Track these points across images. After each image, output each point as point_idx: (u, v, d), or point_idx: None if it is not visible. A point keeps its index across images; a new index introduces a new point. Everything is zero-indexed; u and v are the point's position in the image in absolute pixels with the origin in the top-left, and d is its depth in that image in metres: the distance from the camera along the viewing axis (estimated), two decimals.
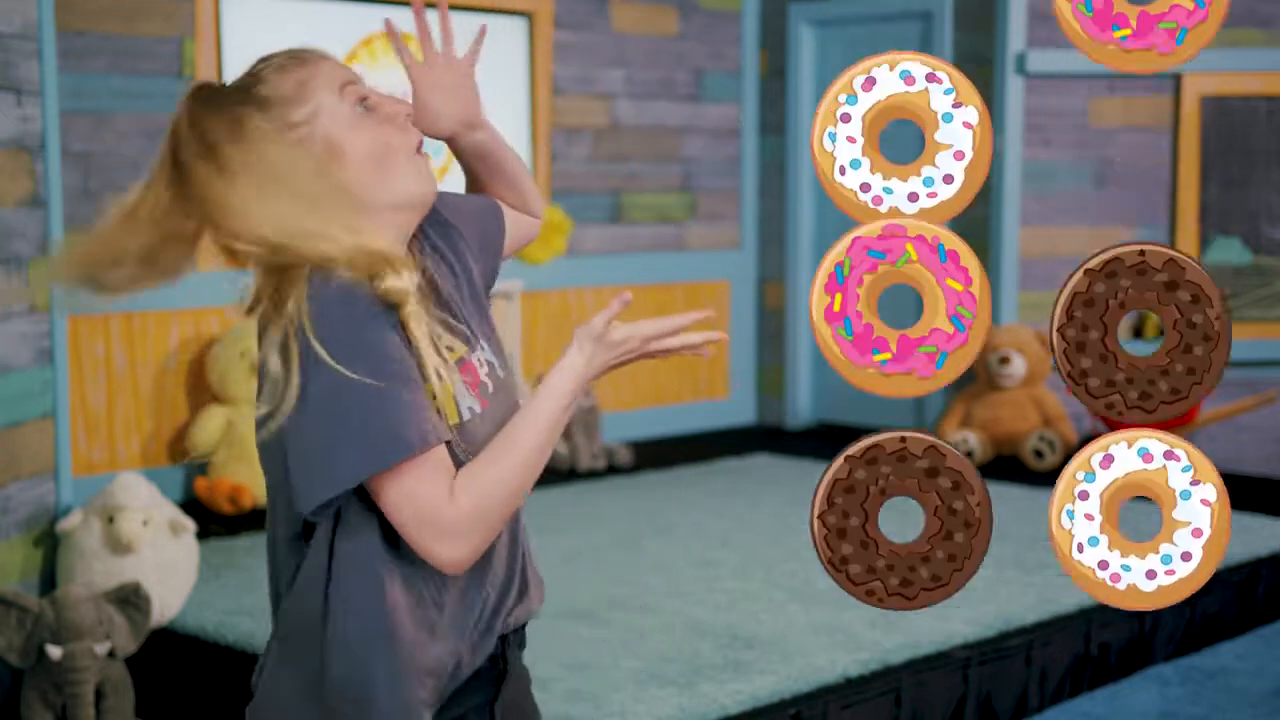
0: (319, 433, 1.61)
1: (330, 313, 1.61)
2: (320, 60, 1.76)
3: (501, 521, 1.67)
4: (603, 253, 7.15)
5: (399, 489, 1.62)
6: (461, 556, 1.65)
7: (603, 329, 1.72)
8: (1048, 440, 6.31)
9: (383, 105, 1.76)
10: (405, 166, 1.75)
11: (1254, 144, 6.67)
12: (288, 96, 1.72)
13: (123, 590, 3.71)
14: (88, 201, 5.51)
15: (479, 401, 1.75)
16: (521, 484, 1.68)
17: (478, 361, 1.79)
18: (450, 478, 1.64)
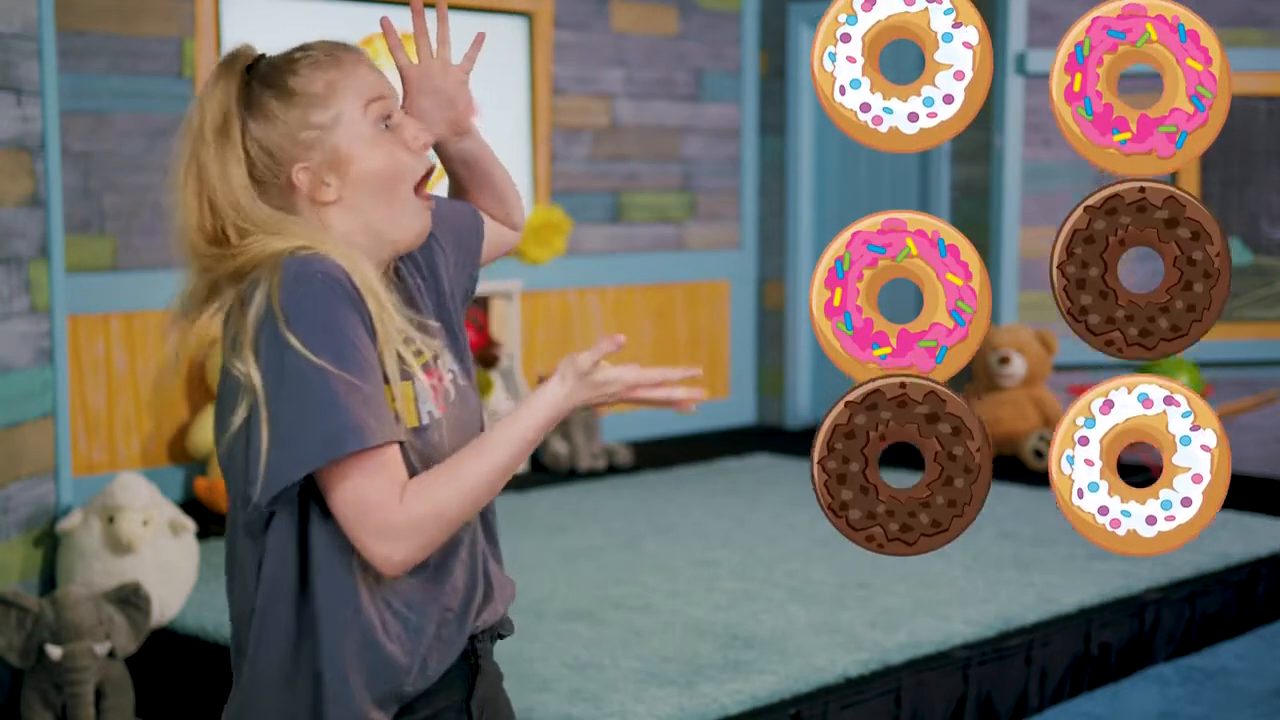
0: (279, 418, 1.61)
1: (305, 293, 1.62)
2: (356, 64, 1.75)
3: (446, 533, 1.67)
4: (603, 253, 7.15)
5: (346, 482, 1.62)
6: (401, 559, 1.65)
7: (589, 367, 1.71)
8: (1048, 440, 6.31)
9: (405, 128, 1.76)
10: (408, 197, 1.75)
11: (1254, 144, 6.67)
12: (314, 95, 1.72)
13: (123, 590, 3.71)
14: (88, 201, 5.51)
15: (439, 407, 1.75)
16: (474, 501, 1.68)
17: (442, 368, 1.79)
18: (401, 478, 1.64)
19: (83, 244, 5.47)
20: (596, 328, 7.12)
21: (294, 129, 1.71)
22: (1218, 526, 5.19)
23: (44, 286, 4.03)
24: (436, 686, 1.77)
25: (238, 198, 1.69)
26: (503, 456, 1.68)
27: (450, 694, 1.80)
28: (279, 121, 1.71)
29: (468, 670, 1.82)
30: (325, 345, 1.61)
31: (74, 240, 5.38)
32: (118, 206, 5.59)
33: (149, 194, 5.65)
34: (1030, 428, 6.43)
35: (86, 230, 5.51)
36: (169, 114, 5.69)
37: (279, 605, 1.70)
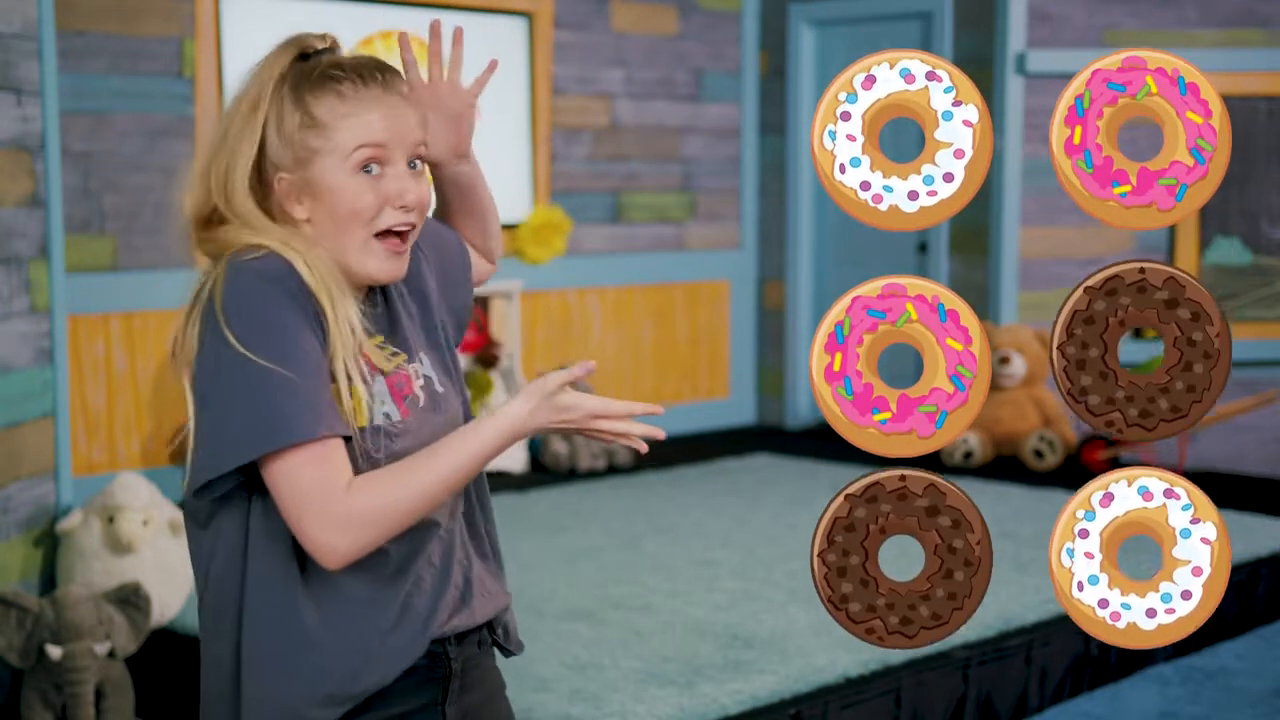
0: (215, 410, 1.64)
1: (244, 290, 1.65)
2: (376, 103, 1.75)
3: (393, 530, 1.68)
4: (602, 253, 7.15)
5: (289, 473, 1.64)
6: (344, 549, 1.65)
7: (555, 389, 1.72)
8: (1048, 440, 6.31)
9: (387, 181, 1.75)
10: (367, 239, 1.75)
11: (1254, 144, 6.67)
12: (319, 119, 1.74)
13: (123, 590, 3.71)
14: (88, 201, 5.51)
15: (400, 410, 1.76)
16: (419, 504, 1.69)
17: (413, 373, 1.81)
18: (346, 472, 1.66)
19: (83, 244, 5.48)
20: (596, 328, 7.12)
21: (292, 140, 1.74)
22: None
23: (44, 286, 4.03)
24: (396, 688, 1.77)
25: (234, 180, 1.72)
26: (456, 462, 1.70)
27: (415, 697, 1.80)
28: (285, 125, 1.74)
29: (440, 674, 1.82)
30: (261, 341, 1.63)
31: (74, 240, 5.38)
32: (118, 206, 5.59)
33: (149, 194, 5.65)
34: (1030, 428, 6.43)
35: (86, 230, 5.51)
36: (169, 114, 5.69)
37: (221, 599, 1.73)
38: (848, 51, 7.31)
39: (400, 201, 1.75)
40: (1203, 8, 6.74)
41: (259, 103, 1.74)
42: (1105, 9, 6.75)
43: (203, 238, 1.75)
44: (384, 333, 1.81)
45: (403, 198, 1.75)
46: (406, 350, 1.82)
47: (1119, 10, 6.75)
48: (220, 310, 1.65)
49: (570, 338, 6.97)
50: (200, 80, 5.74)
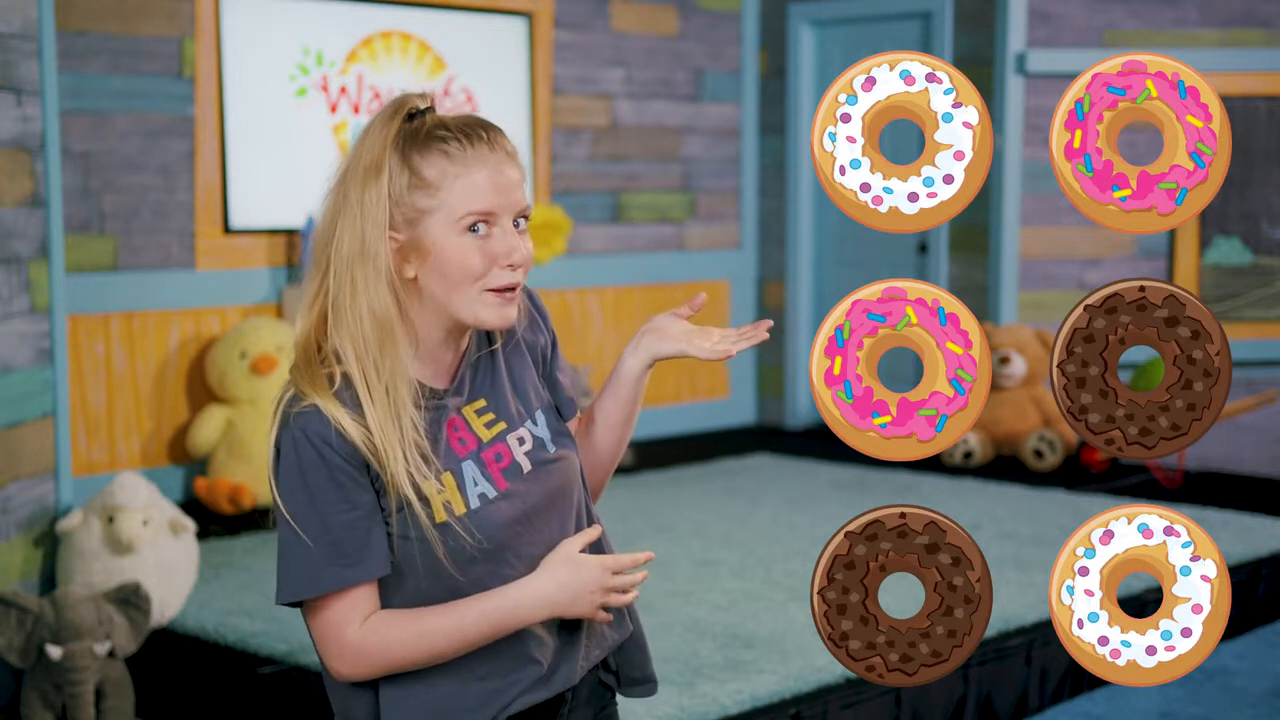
0: (280, 548, 1.79)
1: (285, 451, 1.74)
2: (481, 164, 1.77)
3: (393, 670, 1.77)
4: (603, 253, 7.15)
5: (313, 611, 1.78)
6: (347, 675, 1.78)
7: (574, 551, 1.81)
8: (1048, 440, 6.31)
9: (494, 241, 1.77)
10: (478, 293, 1.78)
11: (1254, 144, 6.67)
12: (427, 180, 1.76)
13: (123, 590, 3.71)
14: (88, 201, 5.51)
15: (497, 484, 1.80)
16: (428, 653, 1.77)
17: (517, 440, 1.84)
18: (365, 608, 1.76)
19: (83, 244, 5.48)
20: (596, 327, 7.12)
21: (401, 200, 1.76)
22: (1218, 526, 5.19)
23: (44, 286, 4.03)
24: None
25: (369, 240, 1.75)
26: (471, 632, 1.77)
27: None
28: (394, 186, 1.76)
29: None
30: (293, 501, 1.74)
31: (74, 240, 5.38)
32: (118, 206, 5.59)
33: (149, 194, 5.65)
34: (1030, 428, 6.43)
35: (86, 230, 5.51)
36: (169, 114, 5.69)
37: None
38: (847, 52, 7.31)
39: (508, 260, 1.78)
40: (1203, 8, 6.74)
41: (379, 163, 1.76)
42: (1105, 9, 6.75)
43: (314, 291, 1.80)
44: (485, 394, 1.84)
45: (510, 256, 1.78)
46: (505, 413, 1.84)
47: (1119, 10, 6.75)
48: (270, 464, 1.76)
49: (570, 337, 6.97)
50: (200, 80, 5.74)
